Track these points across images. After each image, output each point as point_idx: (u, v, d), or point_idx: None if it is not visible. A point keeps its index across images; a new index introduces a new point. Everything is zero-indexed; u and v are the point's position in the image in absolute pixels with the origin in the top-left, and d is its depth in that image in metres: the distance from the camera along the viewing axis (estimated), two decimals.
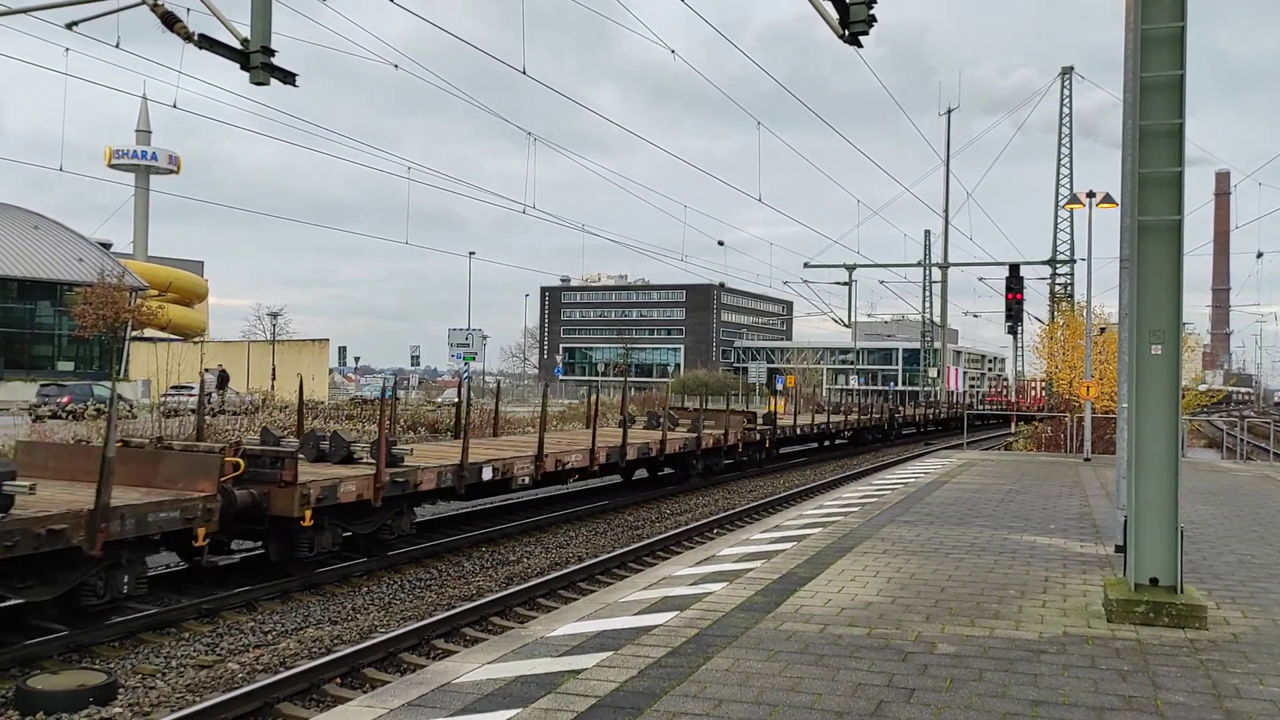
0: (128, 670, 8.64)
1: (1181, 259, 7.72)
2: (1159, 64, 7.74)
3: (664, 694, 5.73)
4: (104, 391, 43.04)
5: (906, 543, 11.35)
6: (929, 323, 79.06)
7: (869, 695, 5.76)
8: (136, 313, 54.76)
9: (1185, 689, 6.00)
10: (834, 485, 24.10)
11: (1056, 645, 6.96)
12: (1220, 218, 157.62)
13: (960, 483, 19.03)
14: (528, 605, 11.37)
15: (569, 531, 16.82)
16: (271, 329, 65.07)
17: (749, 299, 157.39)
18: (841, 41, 9.88)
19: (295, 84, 11.83)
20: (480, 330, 67.14)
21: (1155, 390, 7.70)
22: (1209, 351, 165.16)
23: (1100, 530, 12.74)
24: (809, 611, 7.86)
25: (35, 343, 60.14)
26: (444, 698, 5.75)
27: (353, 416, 31.79)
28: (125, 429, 21.65)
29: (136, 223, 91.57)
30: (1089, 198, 24.91)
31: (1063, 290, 66.69)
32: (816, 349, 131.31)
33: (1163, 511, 7.63)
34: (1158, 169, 7.74)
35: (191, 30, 11.14)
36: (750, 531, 13.17)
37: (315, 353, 65.52)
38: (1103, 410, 30.26)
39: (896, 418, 46.19)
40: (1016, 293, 34.80)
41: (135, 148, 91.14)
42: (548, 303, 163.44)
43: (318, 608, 11.05)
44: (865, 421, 40.41)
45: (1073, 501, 16.22)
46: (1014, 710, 5.54)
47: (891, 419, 44.93)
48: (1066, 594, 8.73)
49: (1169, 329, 7.70)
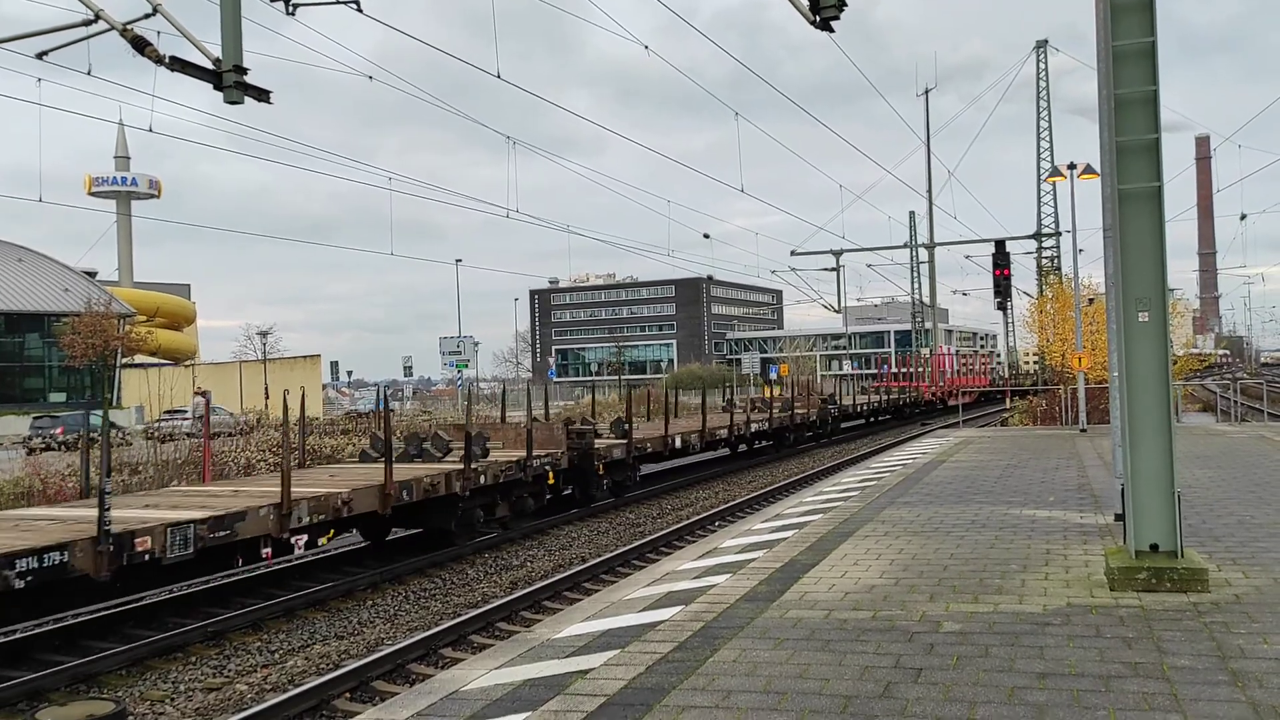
0: (136, 697, 8.63)
1: (1163, 225, 7.74)
2: (1130, 31, 7.76)
3: (673, 689, 5.73)
4: (98, 421, 42.91)
5: (907, 524, 11.38)
6: (919, 304, 79.22)
7: (877, 677, 5.77)
8: (125, 339, 54.62)
9: (1190, 652, 6.02)
10: (833, 471, 24.14)
11: (1060, 617, 6.98)
12: (1203, 182, 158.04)
13: (958, 461, 19.07)
14: (533, 609, 11.37)
15: (571, 533, 16.83)
16: (262, 348, 64.98)
17: (738, 290, 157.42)
18: (813, 27, 9.88)
19: (270, 101, 11.80)
20: (471, 337, 67.11)
21: (1145, 357, 7.73)
22: (1199, 316, 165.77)
23: (1099, 500, 12.77)
24: (813, 598, 7.87)
25: (26, 375, 59.96)
26: (453, 705, 5.75)
27: (348, 431, 31.73)
28: (119, 456, 21.59)
29: (120, 249, 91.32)
30: (1070, 169, 24.96)
31: (1049, 263, 66.92)
32: (808, 336, 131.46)
33: (1159, 477, 7.65)
34: (1135, 136, 7.76)
35: (163, 53, 11.09)
36: (751, 522, 13.19)
37: (307, 369, 65.41)
38: (1096, 381, 30.33)
39: None
40: (1003, 268, 34.85)
41: (115, 174, 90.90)
42: (537, 306, 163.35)
43: (323, 624, 11.04)
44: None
45: (1070, 473, 16.27)
46: (1021, 684, 5.56)
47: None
48: (1068, 565, 8.75)
49: (1155, 295, 7.72)
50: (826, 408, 35.97)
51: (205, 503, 11.73)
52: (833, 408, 36.83)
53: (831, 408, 36.64)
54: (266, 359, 63.46)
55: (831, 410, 36.34)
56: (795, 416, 32.02)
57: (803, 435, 33.00)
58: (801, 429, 32.84)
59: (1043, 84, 72.70)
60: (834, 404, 37.84)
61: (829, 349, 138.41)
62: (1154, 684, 5.47)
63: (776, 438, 30.84)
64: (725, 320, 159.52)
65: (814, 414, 34.30)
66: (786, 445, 31.29)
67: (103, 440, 9.83)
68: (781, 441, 31.11)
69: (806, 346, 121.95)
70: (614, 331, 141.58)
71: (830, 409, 36.31)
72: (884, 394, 47.86)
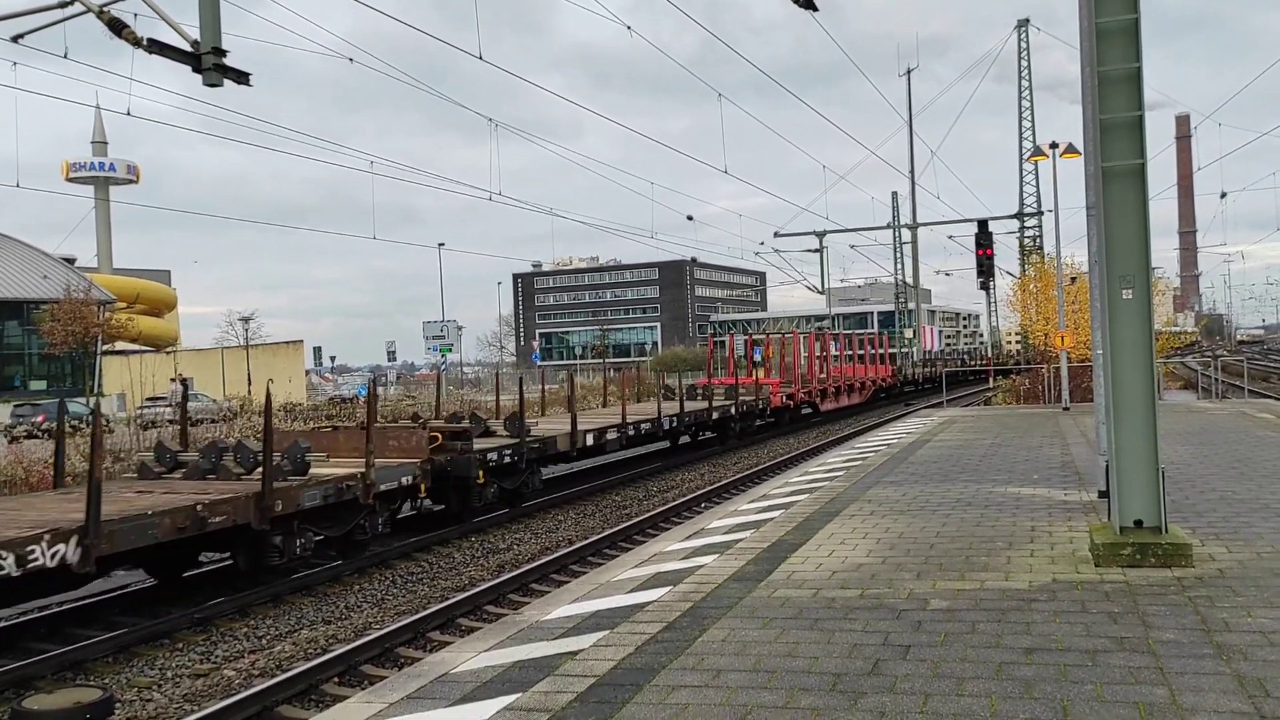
0: (124, 684, 8.60)
1: (1147, 202, 7.76)
2: (1113, 9, 7.76)
3: (662, 668, 5.74)
4: (79, 409, 42.63)
5: (893, 503, 11.43)
6: (902, 284, 79.38)
7: (865, 655, 5.80)
8: (106, 326, 54.20)
9: (1175, 626, 6.07)
10: (818, 451, 24.21)
11: (1046, 593, 7.03)
12: (1183, 160, 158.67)
13: (942, 440, 19.16)
14: (521, 591, 11.38)
15: (557, 515, 16.83)
16: (244, 334, 64.59)
17: (722, 272, 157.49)
18: (797, 6, 9.85)
19: (250, 84, 11.69)
20: (455, 321, 67.03)
21: (1129, 334, 7.76)
22: (1179, 294, 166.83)
23: (1083, 477, 12.86)
24: (801, 577, 7.90)
25: (6, 363, 59.40)
26: (443, 688, 5.75)
27: (332, 416, 31.63)
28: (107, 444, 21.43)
29: (99, 235, 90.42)
30: (1052, 148, 25.02)
31: (1032, 243, 67.16)
32: (792, 318, 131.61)
33: (1143, 453, 7.70)
34: (1118, 114, 7.77)
35: (140, 35, 10.97)
36: (738, 503, 13.22)
37: (290, 355, 65.15)
38: (1079, 359, 30.50)
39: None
40: (986, 248, 35.00)
41: (93, 159, 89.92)
42: (521, 289, 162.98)
43: (310, 609, 11.03)
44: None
45: (1054, 451, 16.37)
46: (1009, 659, 5.59)
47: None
48: (1053, 542, 8.81)
49: (1139, 273, 7.75)
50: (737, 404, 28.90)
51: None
52: None
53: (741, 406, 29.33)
54: (249, 345, 63.08)
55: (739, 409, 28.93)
56: (742, 405, 28.27)
57: (751, 424, 29.46)
58: (750, 417, 29.25)
59: (1024, 63, 72.82)
60: None
61: (813, 330, 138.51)
62: (1140, 658, 5.52)
63: (720, 429, 27.40)
64: (709, 303, 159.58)
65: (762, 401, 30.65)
66: (733, 436, 27.79)
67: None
68: (726, 433, 27.58)
69: (790, 328, 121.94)
70: (598, 315, 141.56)
71: None
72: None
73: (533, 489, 17.20)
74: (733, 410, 27.23)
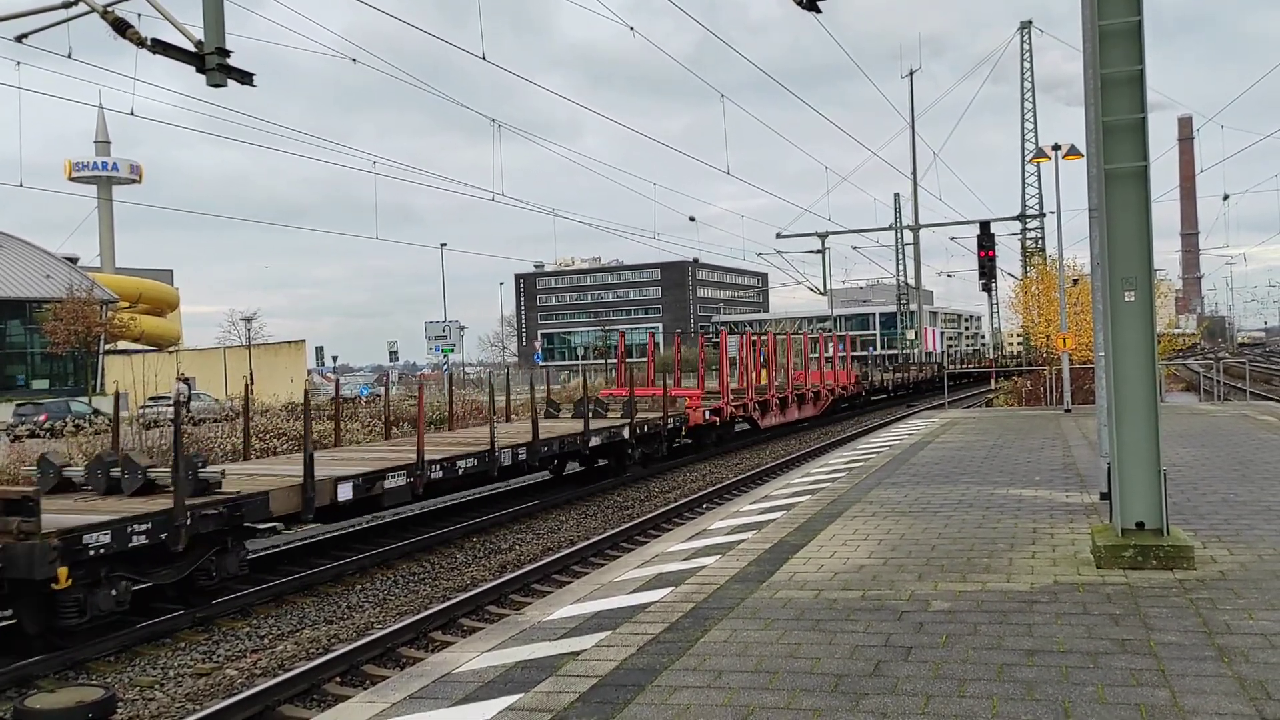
0: (126, 684, 8.61)
1: (1150, 204, 7.76)
2: (1116, 10, 7.76)
3: (664, 669, 5.75)
4: (81, 408, 42.67)
5: (895, 504, 11.43)
6: (904, 286, 79.37)
7: (867, 656, 5.80)
8: (108, 325, 54.26)
9: (1177, 629, 6.08)
10: (820, 452, 24.22)
11: (1048, 595, 7.03)
12: (1185, 163, 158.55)
13: (944, 441, 19.15)
14: (523, 592, 11.38)
15: (559, 516, 16.84)
16: (246, 333, 64.64)
17: (724, 273, 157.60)
18: (799, 7, 9.86)
19: (253, 84, 11.68)
20: (457, 321, 67.02)
21: (1131, 336, 7.76)
22: (1181, 297, 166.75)
23: (1084, 479, 12.85)
24: (802, 578, 7.90)
25: (8, 363, 59.49)
26: (445, 688, 5.76)
27: (334, 416, 31.52)
28: (106, 442, 21.46)
29: (102, 235, 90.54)
30: (1054, 150, 25.01)
31: (1034, 244, 67.10)
32: (794, 319, 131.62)
33: (1145, 455, 7.70)
34: (1121, 116, 7.77)
35: (144, 35, 10.97)
36: (740, 504, 13.22)
37: (292, 354, 65.09)
38: (1081, 361, 30.48)
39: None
40: (988, 250, 34.93)
41: (96, 159, 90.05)
42: (523, 289, 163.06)
43: (313, 609, 11.04)
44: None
45: (1055, 453, 16.36)
46: (1010, 661, 5.60)
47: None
48: (1055, 544, 8.81)
49: (1141, 275, 7.75)
50: None
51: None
52: None
53: None
54: (251, 345, 63.10)
55: None
56: (642, 425, 21.32)
57: (658, 450, 22.49)
58: (653, 441, 22.11)
59: (1026, 66, 72.79)
60: None
61: (814, 331, 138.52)
62: (1141, 660, 5.52)
63: (612, 455, 20.71)
64: (711, 303, 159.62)
65: None
66: (632, 465, 21.04)
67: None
68: (623, 460, 20.78)
69: (793, 329, 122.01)
70: (600, 315, 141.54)
71: None
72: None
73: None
74: (626, 434, 20.47)
